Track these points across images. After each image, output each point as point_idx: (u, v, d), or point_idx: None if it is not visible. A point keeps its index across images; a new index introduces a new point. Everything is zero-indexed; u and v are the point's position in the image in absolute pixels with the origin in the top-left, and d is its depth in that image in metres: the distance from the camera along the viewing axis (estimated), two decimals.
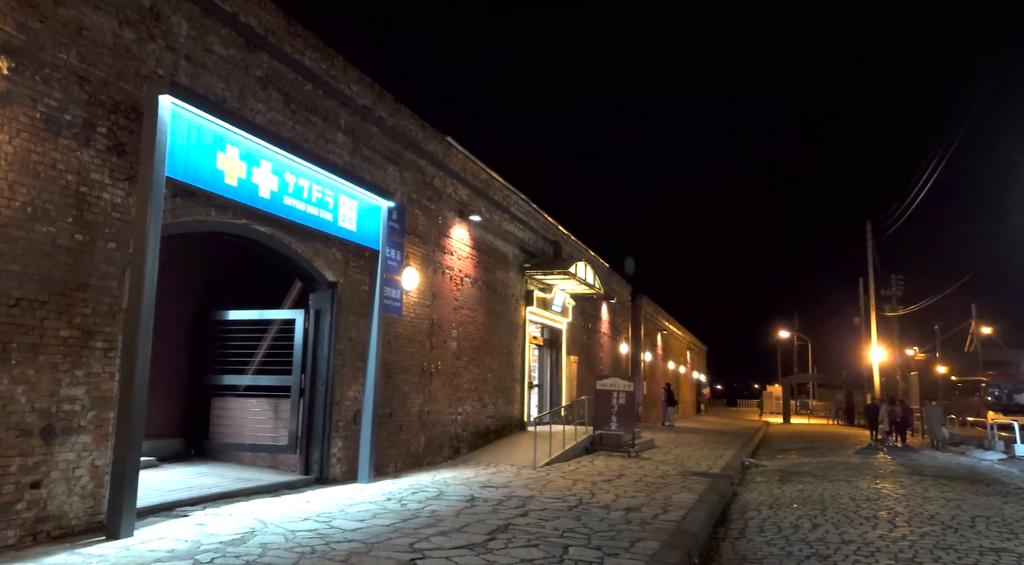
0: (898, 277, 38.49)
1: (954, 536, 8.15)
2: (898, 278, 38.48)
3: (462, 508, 8.50)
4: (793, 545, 7.60)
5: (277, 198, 8.80)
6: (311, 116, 9.88)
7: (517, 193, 17.54)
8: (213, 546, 6.27)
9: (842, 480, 13.38)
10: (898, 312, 38.23)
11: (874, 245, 36.62)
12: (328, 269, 10.31)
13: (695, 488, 10.98)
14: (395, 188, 11.79)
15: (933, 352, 42.35)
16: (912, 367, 40.19)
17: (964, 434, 25.82)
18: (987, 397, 39.04)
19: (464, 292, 14.46)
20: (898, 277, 38.49)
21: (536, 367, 20.10)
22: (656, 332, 37.97)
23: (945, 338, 41.54)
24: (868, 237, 36.83)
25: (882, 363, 37.27)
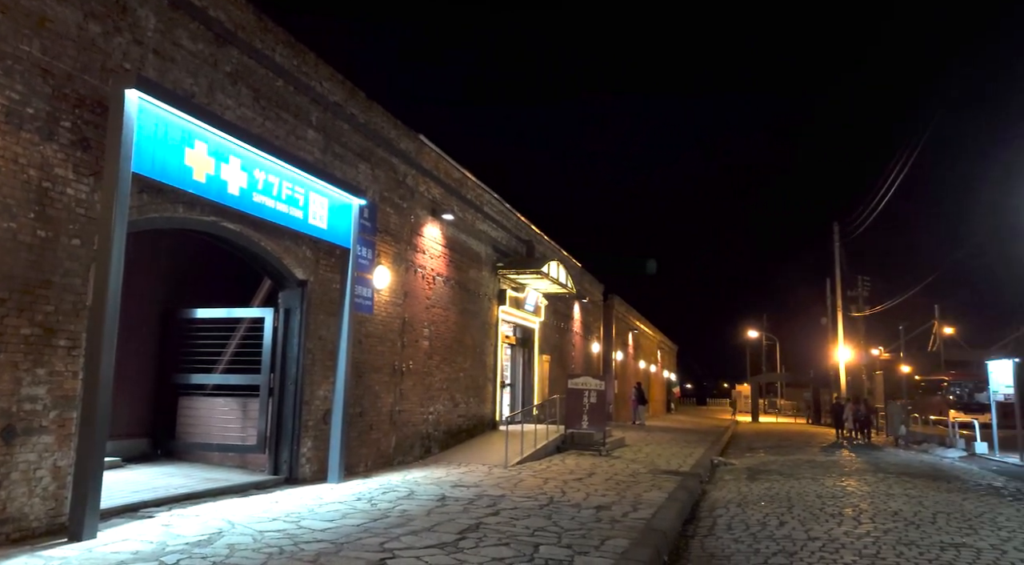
0: (864, 278, 39.24)
1: (916, 532, 8.32)
2: (864, 279, 39.22)
3: (433, 507, 8.48)
4: (760, 542, 7.70)
5: (246, 195, 8.70)
6: (282, 113, 9.78)
7: (490, 192, 17.54)
8: (179, 547, 6.18)
9: (808, 478, 13.59)
10: (864, 313, 38.95)
11: (841, 246, 37.24)
12: (298, 267, 10.22)
13: (665, 486, 11.07)
14: (367, 186, 11.72)
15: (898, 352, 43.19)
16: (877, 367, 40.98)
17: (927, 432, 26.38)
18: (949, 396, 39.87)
19: (436, 291, 14.42)
20: (864, 278, 39.24)
21: (508, 366, 20.12)
22: (627, 331, 38.21)
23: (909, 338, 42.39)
24: (835, 239, 37.44)
25: (848, 363, 37.93)
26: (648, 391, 37.54)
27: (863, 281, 39.12)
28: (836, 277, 37.53)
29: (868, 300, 39.19)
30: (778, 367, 62.59)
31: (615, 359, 33.88)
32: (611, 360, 33.19)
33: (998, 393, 21.36)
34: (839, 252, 37.33)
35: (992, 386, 21.84)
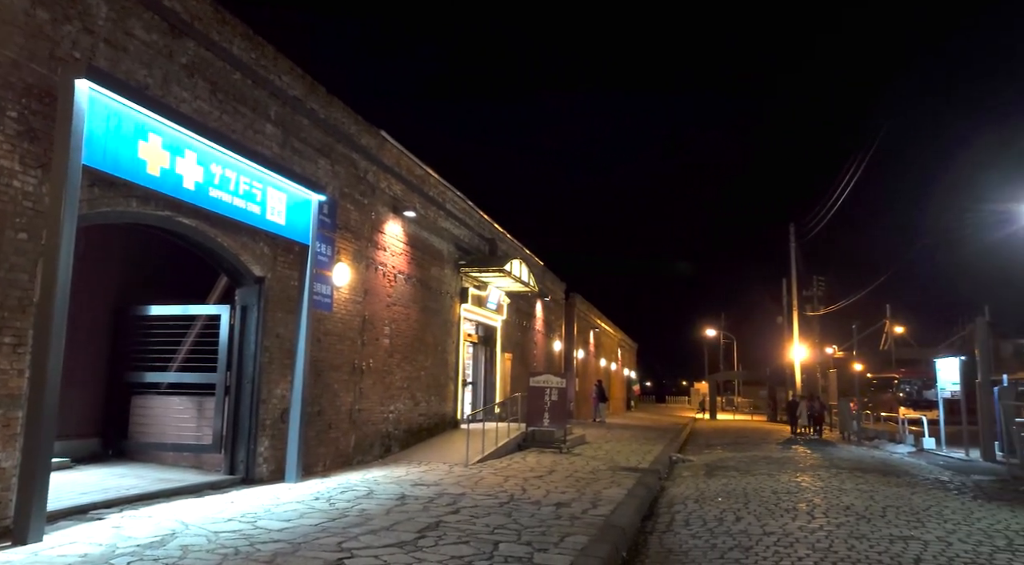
0: (819, 278, 40.08)
1: (867, 526, 8.52)
2: (819, 279, 40.06)
3: (392, 506, 8.42)
4: (717, 537, 7.81)
5: (202, 190, 8.53)
6: (239, 106, 9.61)
7: (453, 190, 17.47)
8: (130, 549, 6.04)
9: (764, 474, 13.83)
10: (818, 312, 39.79)
11: (797, 247, 37.98)
12: (255, 264, 10.05)
13: (624, 483, 11.16)
14: (326, 182, 11.58)
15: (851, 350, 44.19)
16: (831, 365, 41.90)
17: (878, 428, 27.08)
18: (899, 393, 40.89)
19: (397, 289, 14.32)
20: (819, 278, 40.08)
21: (470, 364, 20.08)
22: (589, 330, 38.44)
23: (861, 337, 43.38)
24: (791, 239, 38.18)
25: (804, 361, 38.73)
26: (609, 389, 37.83)
27: (818, 281, 39.98)
28: (792, 277, 38.29)
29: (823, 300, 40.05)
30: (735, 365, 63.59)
31: (577, 357, 34.06)
32: (573, 358, 33.36)
33: (945, 390, 22.01)
34: (795, 252, 38.10)
35: (939, 383, 22.49)
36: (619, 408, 47.19)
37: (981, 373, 19.10)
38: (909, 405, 37.10)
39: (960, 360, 21.79)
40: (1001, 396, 17.94)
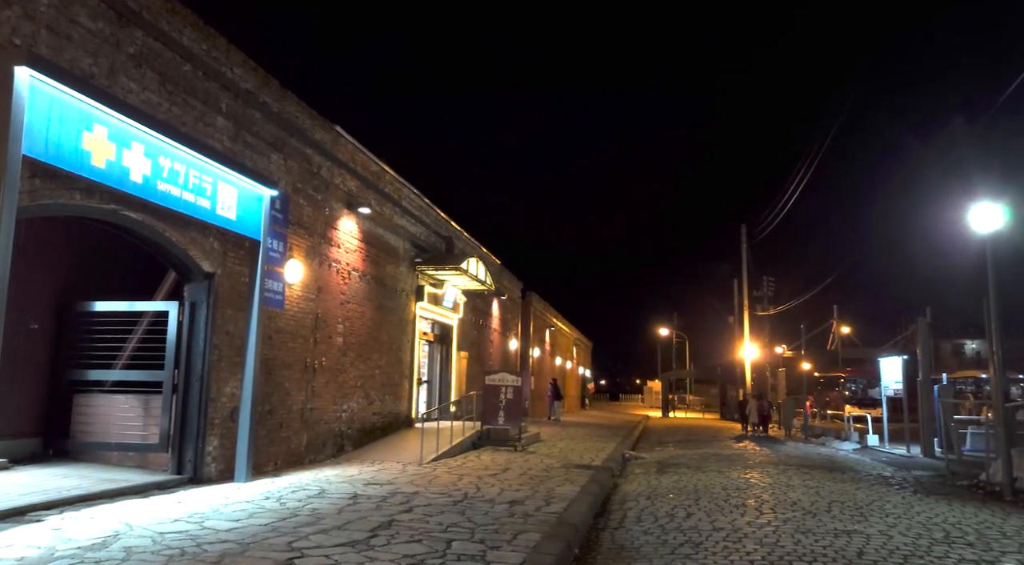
0: (769, 279, 40.94)
1: (813, 520, 8.73)
2: (769, 280, 40.92)
3: (344, 506, 8.34)
4: (668, 533, 7.92)
5: (150, 183, 8.32)
6: (189, 98, 9.39)
7: (409, 187, 17.36)
8: (70, 552, 5.85)
9: (715, 470, 14.06)
10: (768, 312, 40.64)
11: (748, 248, 38.74)
12: (205, 259, 9.84)
13: (577, 480, 11.24)
14: (279, 176, 11.40)
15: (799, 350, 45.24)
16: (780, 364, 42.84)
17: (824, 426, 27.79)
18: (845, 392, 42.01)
19: (352, 286, 14.18)
20: (769, 279, 40.94)
21: (426, 363, 19.99)
22: (545, 328, 38.60)
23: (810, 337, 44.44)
24: (743, 240, 38.93)
25: (754, 360, 39.51)
26: (564, 387, 38.04)
27: (768, 281, 40.83)
28: (743, 277, 39.05)
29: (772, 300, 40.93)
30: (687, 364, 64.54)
31: (532, 356, 34.18)
32: (528, 356, 33.47)
33: (888, 389, 22.70)
34: (746, 253, 38.85)
35: (883, 382, 23.18)
36: (574, 406, 47.50)
37: (922, 372, 19.74)
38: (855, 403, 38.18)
39: (903, 359, 22.49)
40: (940, 394, 18.57)
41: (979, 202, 12.40)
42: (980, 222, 12.34)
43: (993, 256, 12.33)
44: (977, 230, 12.49)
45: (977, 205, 12.41)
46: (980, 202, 12.39)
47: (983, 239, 12.48)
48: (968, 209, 12.65)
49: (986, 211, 12.26)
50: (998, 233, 12.50)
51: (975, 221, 12.43)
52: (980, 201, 12.40)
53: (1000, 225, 12.38)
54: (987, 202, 12.29)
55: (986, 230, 12.31)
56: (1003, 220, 12.39)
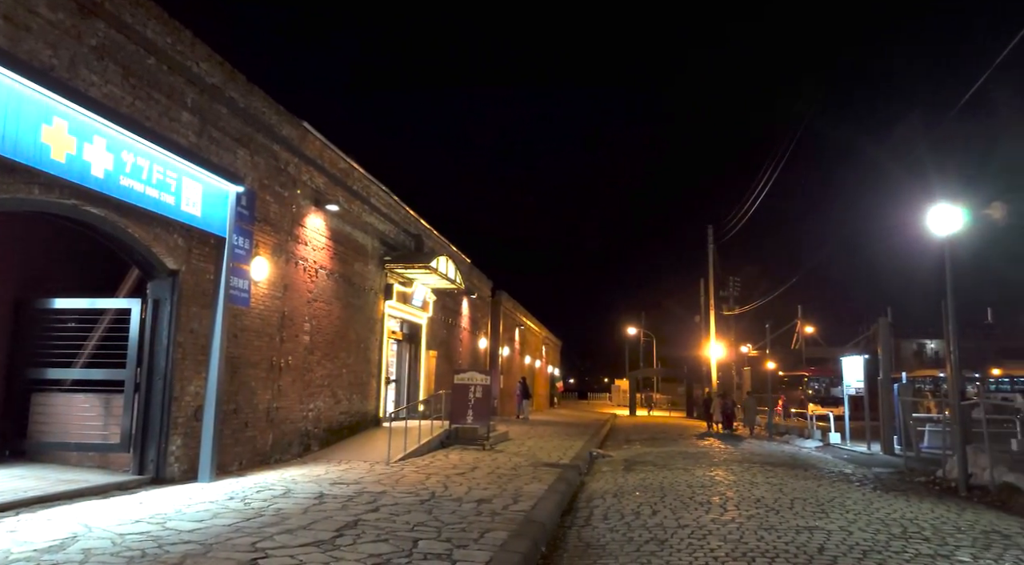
0: (735, 279, 41.46)
1: (776, 517, 8.87)
2: (735, 280, 41.44)
3: (310, 505, 8.27)
4: (634, 531, 7.99)
5: (112, 178, 8.17)
6: (153, 92, 9.23)
7: (378, 184, 17.26)
8: (25, 555, 5.73)
9: (680, 468, 14.21)
10: (734, 311, 41.17)
11: (714, 248, 39.19)
12: (169, 256, 9.68)
13: (545, 479, 11.28)
14: (245, 173, 11.26)
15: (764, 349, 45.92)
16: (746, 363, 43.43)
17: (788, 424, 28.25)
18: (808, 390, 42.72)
19: (319, 284, 14.05)
20: (735, 279, 41.46)
21: (394, 362, 19.89)
22: (514, 327, 38.65)
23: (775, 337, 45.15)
24: (709, 241, 39.37)
25: (720, 359, 39.98)
26: (533, 386, 38.14)
27: (734, 282, 41.36)
28: (709, 277, 39.49)
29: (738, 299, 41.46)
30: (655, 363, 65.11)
31: (502, 354, 34.20)
32: (498, 355, 33.49)
33: (850, 387, 23.14)
34: (712, 254, 39.29)
35: (845, 381, 23.63)
36: (542, 405, 47.65)
37: (882, 371, 20.15)
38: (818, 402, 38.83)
39: (864, 359, 22.94)
40: (900, 393, 18.98)
41: (937, 204, 12.65)
42: (938, 224, 12.60)
43: (951, 258, 12.61)
44: (935, 233, 12.75)
45: (935, 207, 12.66)
46: (938, 204, 12.63)
47: (942, 241, 12.76)
48: (927, 212, 12.91)
49: (944, 213, 12.53)
50: (956, 235, 12.77)
51: (933, 223, 12.70)
52: (938, 203, 12.64)
53: (959, 227, 12.64)
54: (945, 204, 12.55)
55: (944, 233, 12.58)
56: (962, 223, 12.64)
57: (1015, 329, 60.14)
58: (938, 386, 36.63)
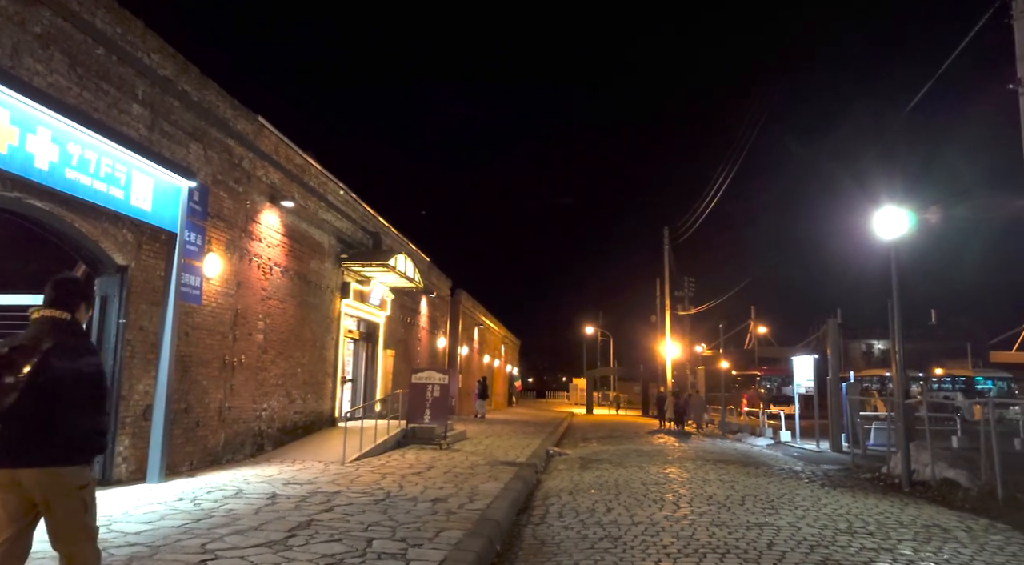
0: (690, 279, 42.08)
1: (727, 514, 9.03)
2: (690, 280, 42.06)
3: (262, 506, 8.15)
4: (588, 528, 8.05)
5: (58, 170, 7.94)
6: (102, 83, 8.98)
7: (335, 181, 17.08)
8: None
9: (635, 466, 14.37)
10: (689, 311, 41.77)
11: (670, 249, 39.72)
12: (117, 251, 9.44)
13: (501, 477, 11.30)
14: (198, 168, 11.04)
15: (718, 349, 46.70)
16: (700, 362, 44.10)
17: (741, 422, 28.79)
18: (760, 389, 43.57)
19: (273, 282, 13.85)
20: (690, 279, 42.08)
21: (351, 361, 19.70)
22: (474, 326, 38.62)
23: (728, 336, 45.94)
24: (665, 242, 39.89)
25: (675, 358, 40.55)
26: (491, 385, 38.17)
27: (689, 282, 41.97)
28: (665, 278, 40.02)
29: (693, 300, 42.10)
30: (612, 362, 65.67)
31: (461, 354, 34.15)
32: (457, 354, 33.42)
33: (801, 386, 23.67)
34: (668, 254, 39.82)
35: (796, 380, 24.15)
36: (501, 404, 47.71)
37: (831, 371, 20.67)
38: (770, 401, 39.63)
39: (814, 359, 23.50)
40: (848, 392, 19.50)
41: (883, 208, 12.96)
42: (884, 228, 12.93)
43: (897, 261, 12.96)
44: (882, 236, 13.08)
45: (881, 211, 12.97)
46: (884, 208, 12.94)
47: (888, 245, 13.09)
48: (873, 215, 13.23)
49: (890, 217, 12.85)
50: (902, 239, 13.10)
51: (880, 227, 13.03)
52: (884, 207, 12.95)
53: (904, 231, 12.97)
54: (891, 207, 12.87)
55: (890, 236, 12.91)
56: (908, 226, 12.98)
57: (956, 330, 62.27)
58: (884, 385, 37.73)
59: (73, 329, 3.87)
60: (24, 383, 3.56)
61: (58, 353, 3.67)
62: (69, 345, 3.75)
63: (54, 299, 3.86)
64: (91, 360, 3.82)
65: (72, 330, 3.86)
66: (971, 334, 60.38)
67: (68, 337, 3.79)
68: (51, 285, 3.90)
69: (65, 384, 3.65)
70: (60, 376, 3.63)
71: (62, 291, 3.91)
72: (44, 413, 3.58)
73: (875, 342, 64.97)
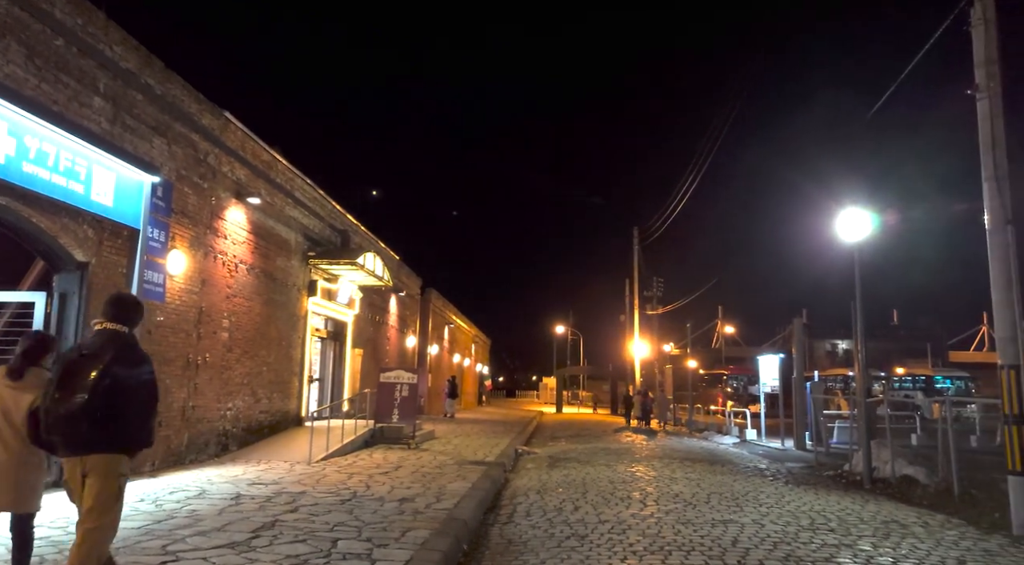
0: (659, 279, 42.43)
1: (693, 511, 9.11)
2: (658, 280, 42.40)
3: (225, 506, 8.03)
4: (556, 527, 8.07)
5: (14, 164, 7.74)
6: (62, 75, 8.78)
7: (303, 177, 16.89)
8: None
9: (603, 464, 14.43)
10: (657, 311, 42.11)
11: (639, 250, 40.01)
12: (77, 248, 9.23)
13: (469, 477, 11.28)
14: (162, 162, 10.84)
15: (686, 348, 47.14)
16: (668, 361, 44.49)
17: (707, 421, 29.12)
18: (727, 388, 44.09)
19: (239, 280, 13.66)
20: (659, 279, 42.43)
21: (318, 360, 19.51)
22: (444, 325, 38.50)
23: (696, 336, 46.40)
24: (634, 242, 40.17)
25: (644, 357, 40.84)
26: (461, 384, 38.07)
27: (657, 282, 42.31)
28: (634, 278, 40.30)
29: (662, 299, 42.45)
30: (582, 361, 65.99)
31: (430, 353, 34.01)
32: (426, 354, 33.28)
33: (766, 385, 24.01)
34: (637, 255, 40.11)
35: (762, 379, 24.49)
36: (471, 403, 47.63)
37: (796, 370, 20.99)
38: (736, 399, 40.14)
39: (779, 358, 23.85)
40: (813, 391, 19.83)
41: (846, 209, 13.13)
42: (848, 229, 13.11)
43: (860, 262, 13.18)
44: (845, 238, 13.27)
45: (845, 212, 13.15)
46: (847, 209, 13.12)
47: (851, 246, 13.29)
48: (837, 216, 13.42)
49: (854, 218, 13.03)
50: (865, 240, 13.30)
51: (843, 229, 13.21)
52: (848, 208, 13.13)
53: (868, 233, 13.17)
54: (854, 209, 13.05)
55: (854, 237, 13.11)
56: (871, 228, 13.18)
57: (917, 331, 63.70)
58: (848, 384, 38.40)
59: (130, 341, 4.52)
60: (92, 385, 4.19)
61: (119, 361, 4.30)
62: (128, 355, 4.39)
63: (115, 315, 4.51)
64: (146, 369, 4.47)
65: (129, 342, 4.51)
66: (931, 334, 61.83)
67: (126, 348, 4.43)
68: (111, 302, 4.60)
69: (125, 388, 4.28)
70: (122, 381, 4.27)
71: (121, 308, 4.59)
72: (108, 411, 4.21)
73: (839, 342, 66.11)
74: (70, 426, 4.22)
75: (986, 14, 9.25)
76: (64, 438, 4.27)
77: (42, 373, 4.82)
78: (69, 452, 4.32)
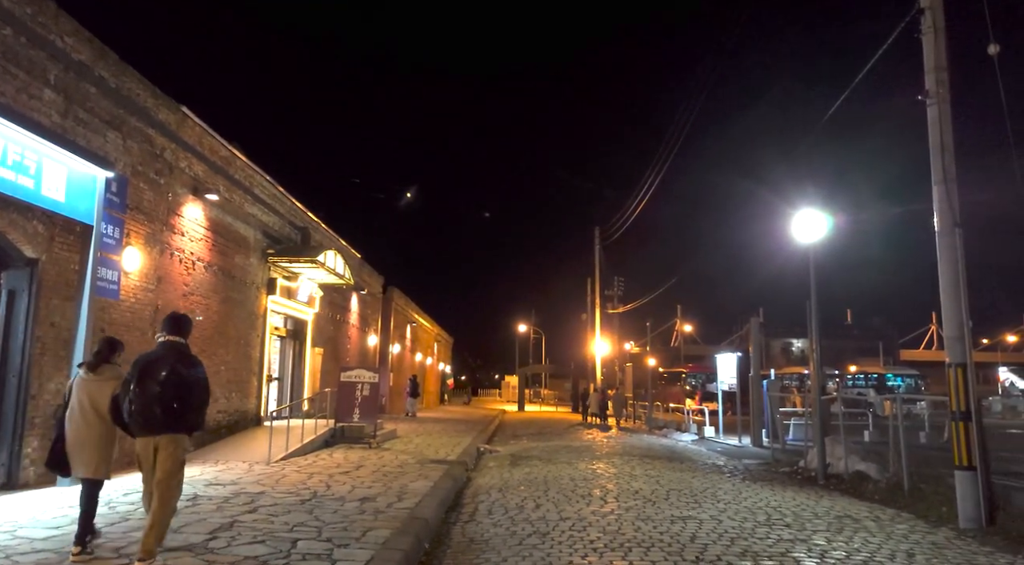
0: (619, 279, 42.82)
1: (652, 508, 9.22)
2: (619, 280, 42.79)
3: (182, 508, 7.85)
4: (517, 525, 8.10)
5: None
6: (10, 66, 8.52)
7: (262, 174, 16.64)
8: None
9: (564, 462, 14.51)
10: (618, 310, 42.49)
11: (600, 249, 40.31)
12: (27, 244, 8.97)
13: (431, 475, 11.25)
14: (116, 157, 10.59)
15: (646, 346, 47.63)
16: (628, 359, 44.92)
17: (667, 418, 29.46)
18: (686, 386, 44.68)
19: (196, 277, 13.41)
20: (619, 279, 42.82)
21: (277, 359, 19.25)
22: (406, 324, 38.28)
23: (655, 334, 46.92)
24: (596, 242, 40.46)
25: (605, 356, 41.16)
26: (423, 383, 37.92)
27: (618, 281, 42.70)
28: (596, 277, 40.59)
29: (623, 298, 42.84)
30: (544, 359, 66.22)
31: (392, 352, 33.79)
32: (388, 353, 33.06)
33: (724, 383, 24.39)
34: (599, 254, 40.40)
35: (720, 377, 24.87)
36: (433, 402, 47.46)
37: (753, 368, 21.34)
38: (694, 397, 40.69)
39: (737, 356, 24.24)
40: (769, 388, 20.19)
41: (801, 211, 13.39)
42: (803, 231, 13.36)
43: (815, 263, 13.46)
44: (800, 239, 13.53)
45: (800, 213, 13.41)
46: (802, 211, 13.37)
47: (806, 247, 13.56)
48: (792, 218, 13.66)
49: (808, 220, 13.28)
50: (820, 241, 13.57)
51: (798, 230, 13.46)
52: (803, 210, 13.38)
53: (822, 234, 13.43)
54: (809, 210, 13.31)
55: (808, 239, 13.37)
56: (825, 229, 13.45)
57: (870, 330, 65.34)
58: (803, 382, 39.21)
59: (185, 350, 5.97)
60: (162, 381, 5.60)
61: (181, 363, 5.77)
62: (186, 359, 5.87)
63: (173, 329, 6.00)
64: (200, 369, 5.94)
65: (185, 351, 5.96)
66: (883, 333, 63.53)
67: (184, 354, 5.91)
68: (169, 320, 6.12)
69: (187, 383, 5.72)
70: (184, 378, 5.70)
71: (178, 324, 6.09)
72: (173, 401, 5.62)
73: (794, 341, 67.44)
74: (147, 411, 5.55)
75: (936, 22, 9.51)
76: (143, 419, 5.59)
77: (115, 368, 6.26)
78: (145, 432, 5.67)
